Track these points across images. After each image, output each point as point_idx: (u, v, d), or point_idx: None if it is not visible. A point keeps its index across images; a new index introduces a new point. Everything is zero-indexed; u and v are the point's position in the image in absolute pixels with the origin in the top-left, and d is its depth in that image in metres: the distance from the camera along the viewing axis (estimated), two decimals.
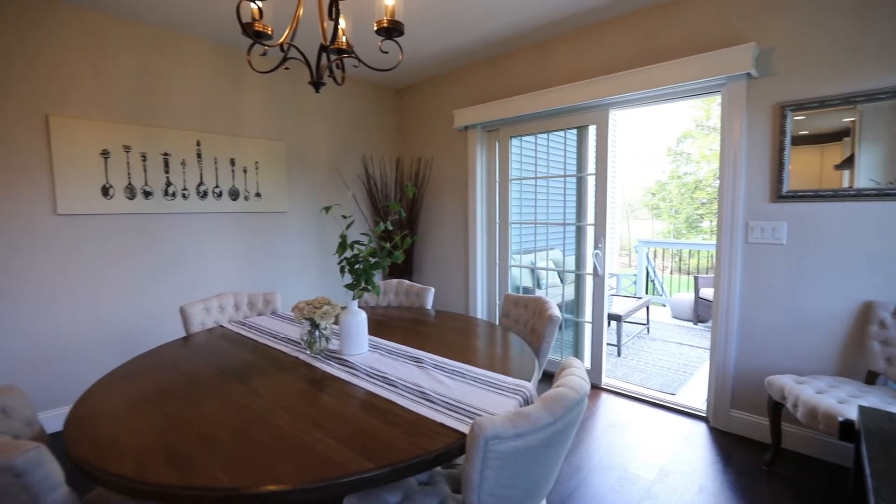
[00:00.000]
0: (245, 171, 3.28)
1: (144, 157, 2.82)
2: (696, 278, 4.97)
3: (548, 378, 3.23)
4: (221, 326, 2.11)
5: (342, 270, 1.60)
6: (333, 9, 1.59)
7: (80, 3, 2.53)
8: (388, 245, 1.61)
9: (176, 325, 3.05)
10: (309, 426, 1.16)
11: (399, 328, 2.07)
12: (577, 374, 1.16)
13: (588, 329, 3.24)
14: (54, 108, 2.54)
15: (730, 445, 2.35)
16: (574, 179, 3.33)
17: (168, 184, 2.92)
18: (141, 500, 1.11)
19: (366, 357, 1.64)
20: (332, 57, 1.82)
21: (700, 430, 2.51)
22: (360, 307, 1.81)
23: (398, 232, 3.89)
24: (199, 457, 1.03)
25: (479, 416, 1.18)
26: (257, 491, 0.92)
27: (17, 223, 2.46)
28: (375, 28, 1.63)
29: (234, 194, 3.23)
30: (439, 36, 3.09)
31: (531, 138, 3.49)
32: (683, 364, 3.64)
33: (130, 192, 2.78)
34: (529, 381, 1.41)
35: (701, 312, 4.85)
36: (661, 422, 2.62)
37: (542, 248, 4.16)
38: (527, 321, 2.15)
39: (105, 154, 2.69)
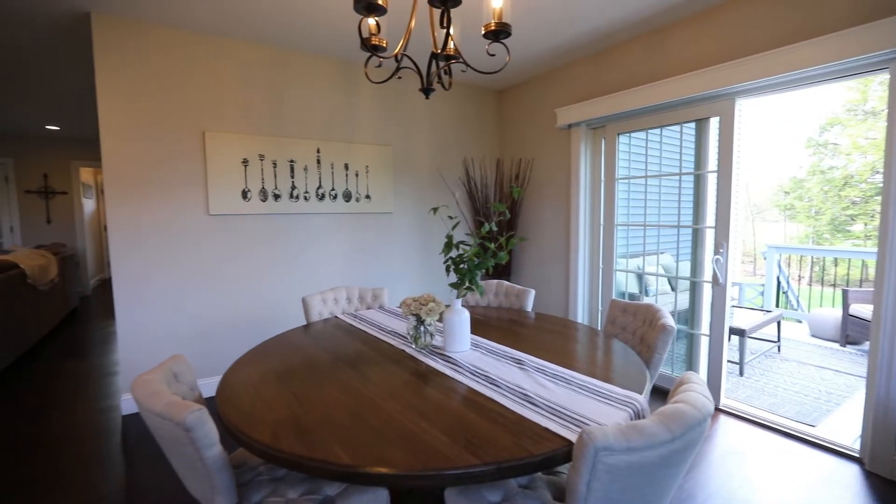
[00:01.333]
0: (357, 175, 3.55)
1: (275, 165, 3.20)
2: (845, 292, 4.22)
3: (658, 394, 3.00)
4: (336, 317, 2.31)
5: (447, 269, 1.65)
6: (445, 17, 1.65)
7: (227, 32, 2.95)
8: (492, 245, 1.63)
9: (296, 313, 3.41)
10: (415, 416, 1.22)
11: (498, 328, 2.08)
12: (698, 391, 1.06)
13: (704, 343, 2.94)
14: (209, 124, 3.00)
15: (893, 497, 1.96)
16: (691, 177, 3.05)
17: (293, 187, 3.27)
18: (273, 464, 1.26)
19: (468, 355, 1.67)
20: (441, 63, 1.89)
21: (849, 472, 2.13)
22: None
23: (503, 233, 3.91)
24: (321, 433, 1.14)
25: (586, 424, 1.14)
26: (371, 471, 0.99)
27: (181, 222, 2.95)
28: (483, 32, 1.65)
29: (347, 196, 3.51)
30: (543, 34, 3.03)
31: (641, 134, 3.27)
32: (827, 392, 3.12)
33: (263, 195, 3.17)
34: (640, 393, 1.33)
35: (851, 332, 4.11)
36: (794, 456, 2.28)
37: (651, 252, 3.87)
38: (635, 330, 2.02)
39: (245, 162, 3.10)
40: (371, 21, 1.73)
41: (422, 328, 1.70)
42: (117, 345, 2.87)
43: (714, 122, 2.81)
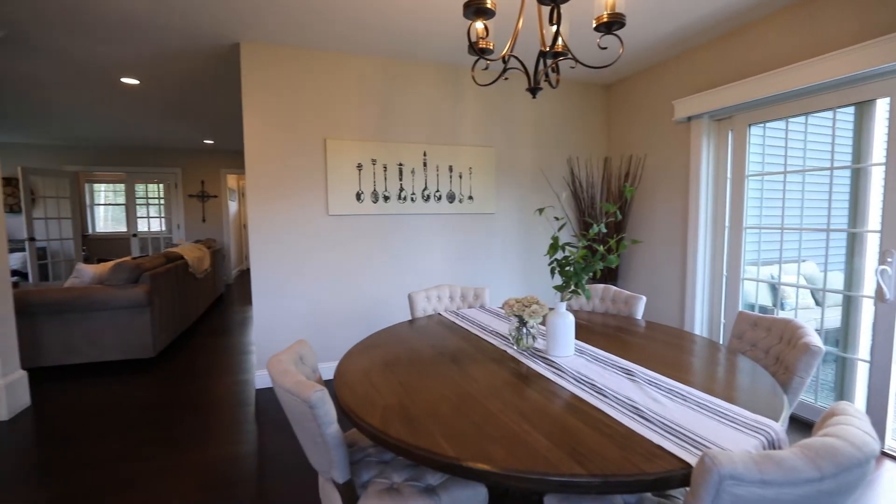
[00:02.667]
0: (460, 177, 3.63)
1: (385, 168, 3.42)
2: None
3: (797, 424, 2.61)
4: (439, 314, 2.39)
5: (552, 271, 1.61)
6: (555, 13, 1.61)
7: (345, 48, 3.22)
8: (601, 248, 1.55)
9: (401, 308, 3.60)
10: (517, 417, 1.22)
11: (604, 335, 1.98)
12: (857, 426, 0.90)
13: (862, 370, 2.47)
14: (329, 132, 3.31)
15: None
16: (847, 172, 2.58)
17: (401, 189, 3.47)
18: (381, 447, 1.35)
19: (572, 360, 1.62)
20: (549, 61, 1.85)
21: None
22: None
23: (612, 235, 3.71)
24: (426, 423, 1.19)
25: (707, 447, 1.04)
26: (474, 466, 1.01)
27: (305, 221, 3.30)
28: (594, 24, 1.58)
29: (451, 197, 3.62)
30: (658, 21, 2.80)
31: (779, 124, 2.85)
32: None
33: (374, 197, 3.41)
34: (776, 420, 1.16)
35: None
36: None
37: (789, 260, 3.36)
38: (769, 348, 1.77)
39: (359, 167, 3.36)
40: (479, 25, 1.76)
41: (524, 330, 1.69)
42: (252, 328, 3.31)
43: (882, 105, 2.34)
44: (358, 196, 3.37)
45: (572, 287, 1.59)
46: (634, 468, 0.97)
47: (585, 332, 2.03)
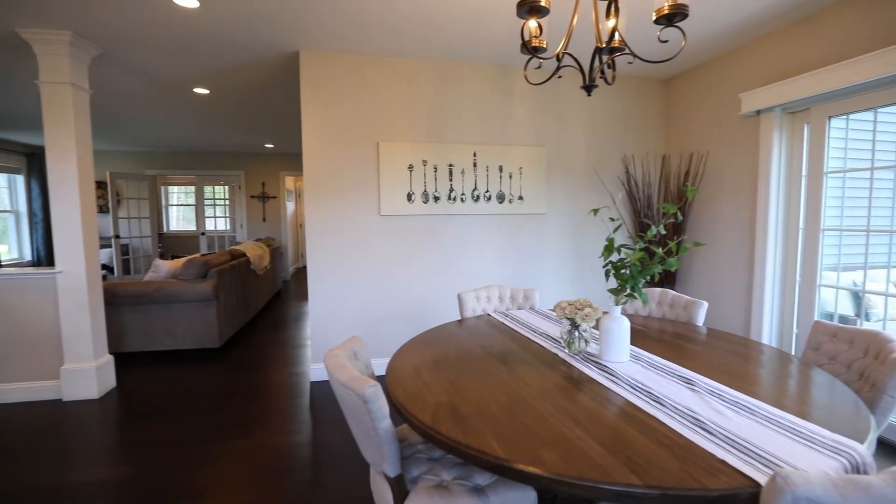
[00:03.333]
0: (510, 177, 3.60)
1: (435, 169, 3.46)
2: None
3: (886, 449, 2.37)
4: (488, 315, 2.39)
5: (607, 274, 1.57)
6: (612, 7, 1.56)
7: (397, 52, 3.29)
8: (660, 250, 1.49)
9: (450, 307, 3.62)
10: (569, 421, 1.20)
11: (661, 341, 1.89)
12: None
13: None
14: (382, 135, 3.39)
15: None
16: None
17: (451, 190, 3.49)
18: (431, 444, 1.37)
19: (626, 366, 1.56)
20: (605, 57, 1.80)
21: None
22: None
23: (672, 237, 3.55)
24: (476, 422, 1.19)
25: (778, 465, 0.97)
26: (525, 469, 1.00)
27: (358, 221, 3.41)
28: (654, 17, 1.52)
29: (501, 198, 3.60)
30: (723, 9, 2.64)
31: (866, 115, 2.59)
32: None
33: (425, 198, 3.46)
34: (861, 442, 1.06)
35: None
36: None
37: (876, 265, 3.06)
38: (851, 362, 1.62)
39: (410, 168, 3.42)
40: (532, 23, 1.74)
41: (576, 333, 1.65)
42: (307, 322, 3.46)
43: None
44: (409, 197, 3.44)
45: (628, 291, 1.53)
46: (695, 482, 0.93)
47: (641, 337, 1.95)
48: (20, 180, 7.53)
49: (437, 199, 3.48)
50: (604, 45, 1.65)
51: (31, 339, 3.12)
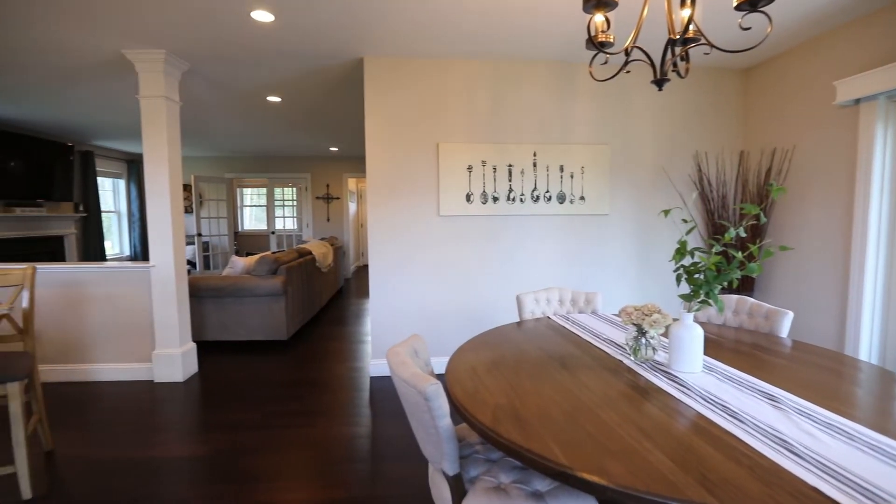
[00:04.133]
0: (572, 176, 3.51)
1: (495, 169, 3.44)
2: None
3: None
4: (548, 317, 2.34)
5: (678, 279, 1.48)
6: None
7: (457, 54, 3.31)
8: (739, 254, 1.38)
9: (507, 309, 3.59)
10: (635, 431, 1.14)
11: (739, 353, 1.75)
12: None
13: None
14: (442, 137, 3.44)
15: None
16: None
17: (510, 190, 3.46)
18: (491, 445, 1.37)
19: (699, 377, 1.47)
20: (678, 49, 1.70)
21: None
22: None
23: (753, 240, 3.30)
24: (537, 427, 1.17)
25: (887, 500, 0.86)
26: (588, 478, 0.97)
27: (418, 221, 3.48)
28: (735, 3, 1.41)
29: (561, 198, 3.51)
30: None
31: None
32: None
33: (483, 198, 3.45)
34: None
35: None
36: None
37: None
38: None
39: (469, 169, 3.43)
40: (599, 18, 1.68)
41: (643, 340, 1.57)
42: (368, 320, 3.58)
43: None
44: (468, 197, 3.45)
45: (702, 297, 1.44)
46: None
47: (715, 347, 1.82)
48: (122, 184, 8.46)
49: (495, 199, 3.47)
50: (677, 37, 1.56)
51: (130, 325, 3.49)
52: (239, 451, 2.45)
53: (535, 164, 3.48)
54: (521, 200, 3.49)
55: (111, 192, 8.29)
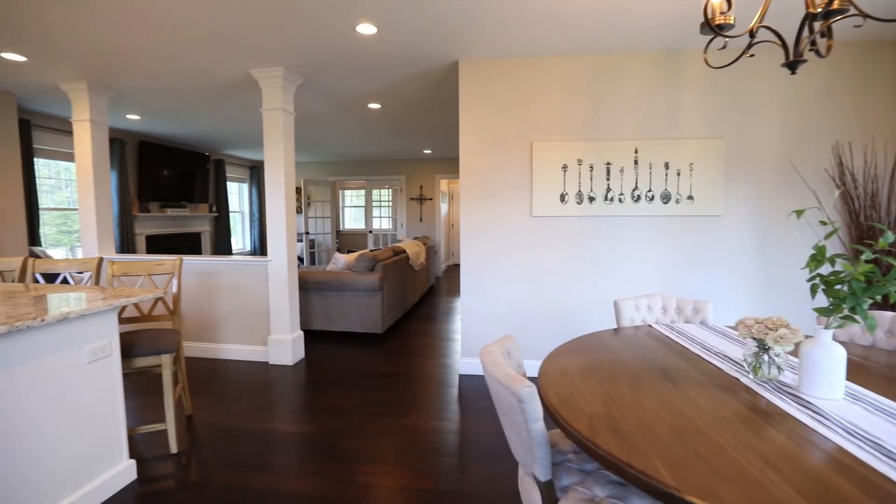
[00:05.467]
0: (678, 174, 3.23)
1: (591, 168, 3.30)
2: None
3: None
4: (649, 326, 2.18)
5: (813, 290, 1.29)
6: None
7: (552, 51, 3.22)
8: None
9: (601, 314, 3.42)
10: (756, 458, 1.02)
11: (892, 380, 1.48)
12: None
13: None
14: (536, 136, 3.38)
15: None
16: None
17: (608, 190, 3.29)
18: (587, 455, 1.32)
19: (839, 405, 1.26)
20: (818, 25, 1.48)
21: None
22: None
23: None
24: (639, 441, 1.10)
25: None
26: None
27: (510, 222, 3.46)
28: None
29: (666, 197, 3.25)
30: None
31: None
32: None
33: (579, 198, 3.33)
34: None
35: None
36: None
37: None
38: None
39: (564, 168, 3.33)
40: None
41: (765, 357, 1.40)
42: (457, 318, 3.64)
43: None
44: (562, 197, 3.35)
45: (845, 312, 1.23)
46: None
47: (861, 372, 1.55)
48: (245, 188, 9.61)
49: (591, 199, 3.32)
50: (818, 10, 1.36)
51: (250, 312, 3.95)
52: (340, 433, 2.65)
53: (636, 162, 3.26)
54: (620, 200, 3.29)
55: (236, 195, 9.46)
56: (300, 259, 8.89)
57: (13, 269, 2.78)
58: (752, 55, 1.61)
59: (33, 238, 5.02)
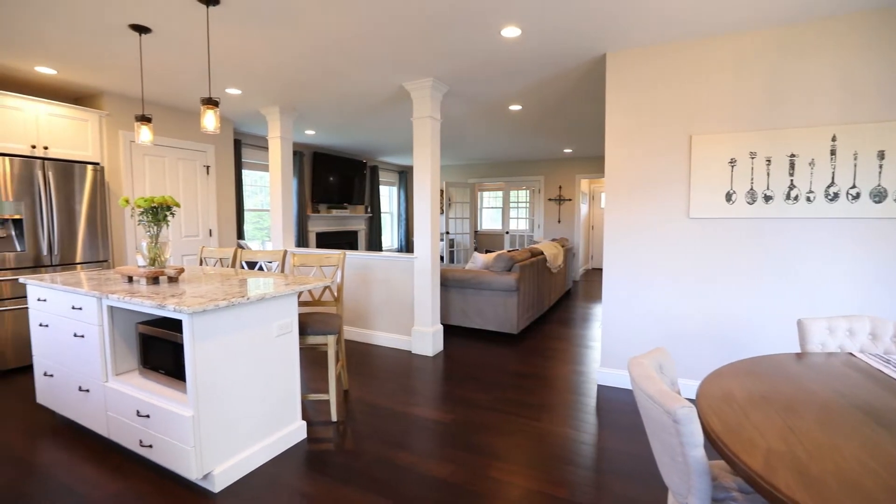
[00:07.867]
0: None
1: (769, 162, 2.81)
2: None
3: None
4: (849, 354, 1.77)
5: None
6: None
7: (715, 31, 2.81)
8: None
9: (778, 336, 2.90)
10: None
11: None
12: None
13: None
14: (696, 128, 3.01)
15: None
16: None
17: (791, 187, 2.76)
18: (762, 497, 1.14)
19: None
20: None
21: None
22: None
23: None
24: (836, 492, 0.91)
25: None
26: None
27: (660, 225, 3.15)
28: None
29: (878, 195, 2.60)
30: None
31: None
32: None
33: (751, 198, 2.86)
34: None
35: None
36: None
37: None
38: None
39: (732, 162, 2.90)
40: None
41: None
42: (596, 325, 3.44)
43: None
44: (728, 196, 2.92)
45: None
46: None
47: None
48: (394, 191, 10.56)
49: (768, 198, 2.82)
50: None
51: (397, 304, 4.33)
52: (475, 426, 2.74)
53: (832, 152, 2.67)
54: (808, 199, 2.72)
55: (387, 197, 10.45)
56: (441, 257, 9.42)
57: (228, 257, 3.54)
58: None
59: (240, 233, 6.32)
